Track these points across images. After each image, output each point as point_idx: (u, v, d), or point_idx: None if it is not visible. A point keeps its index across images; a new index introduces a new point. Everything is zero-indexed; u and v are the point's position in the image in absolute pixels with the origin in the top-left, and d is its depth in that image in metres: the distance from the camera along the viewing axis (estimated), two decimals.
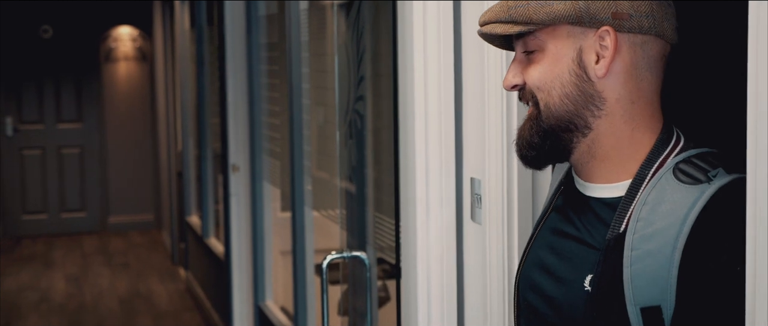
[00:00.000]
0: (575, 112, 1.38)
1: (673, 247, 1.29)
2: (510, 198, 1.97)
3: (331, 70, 3.73)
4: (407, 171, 2.32)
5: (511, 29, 1.39)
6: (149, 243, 9.60)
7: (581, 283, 1.37)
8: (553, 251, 1.46)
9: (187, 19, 7.41)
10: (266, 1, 4.84)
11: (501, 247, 1.99)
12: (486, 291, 2.05)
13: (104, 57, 10.17)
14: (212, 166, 6.54)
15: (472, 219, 2.16)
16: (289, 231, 4.26)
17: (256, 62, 4.90)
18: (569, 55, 1.38)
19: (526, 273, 1.51)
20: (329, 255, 2.70)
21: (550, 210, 1.51)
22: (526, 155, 1.43)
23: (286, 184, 4.39)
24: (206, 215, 6.65)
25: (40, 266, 8.66)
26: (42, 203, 10.10)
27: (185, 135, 7.60)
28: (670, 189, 1.32)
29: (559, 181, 1.53)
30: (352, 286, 3.31)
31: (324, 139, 3.88)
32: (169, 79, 8.71)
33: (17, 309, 7.18)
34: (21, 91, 9.94)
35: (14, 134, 9.94)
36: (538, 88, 1.40)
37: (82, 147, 10.16)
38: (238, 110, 5.23)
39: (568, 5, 1.36)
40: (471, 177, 2.16)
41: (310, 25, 3.96)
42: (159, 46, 9.16)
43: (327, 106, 3.79)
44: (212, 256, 6.33)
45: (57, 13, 9.89)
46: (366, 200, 3.14)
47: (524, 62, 1.42)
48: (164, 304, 7.26)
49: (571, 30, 1.38)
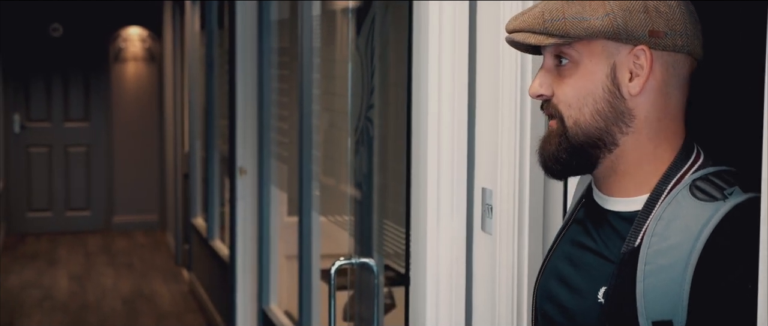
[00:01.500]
0: (605, 128, 1.39)
1: (686, 263, 1.30)
2: (521, 209, 1.98)
3: (339, 76, 3.75)
4: (419, 180, 2.33)
5: (545, 41, 1.38)
6: (153, 244, 9.62)
7: (595, 295, 1.38)
8: (571, 262, 1.47)
9: (198, 21, 7.43)
10: (278, 4, 4.85)
11: (511, 258, 2.00)
12: (495, 302, 2.06)
13: (113, 57, 10.20)
14: (219, 169, 6.56)
15: (483, 229, 2.16)
16: (295, 235, 4.27)
17: (266, 66, 4.91)
18: (603, 71, 1.38)
19: (544, 283, 1.52)
20: (338, 261, 2.71)
21: (571, 221, 1.52)
22: (551, 168, 1.43)
23: (293, 189, 4.41)
24: (212, 217, 6.66)
25: (44, 264, 8.67)
26: (47, 201, 10.12)
27: (192, 137, 7.62)
28: (685, 205, 1.33)
29: (581, 194, 1.54)
30: (358, 292, 3.32)
31: (330, 144, 3.90)
32: (178, 80, 8.73)
33: (20, 306, 7.19)
34: (29, 88, 9.97)
35: (21, 131, 9.97)
36: (569, 106, 1.40)
37: (89, 146, 10.18)
38: (246, 113, 5.24)
39: (606, 21, 1.36)
40: (482, 187, 2.17)
41: (322, 31, 3.98)
42: (168, 47, 9.18)
43: (334, 112, 3.80)
44: (217, 258, 6.35)
45: (67, 12, 9.92)
46: (375, 207, 3.15)
47: (554, 73, 1.42)
48: (167, 305, 7.27)
49: (606, 45, 1.38)
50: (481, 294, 2.18)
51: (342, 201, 3.70)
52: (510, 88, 1.99)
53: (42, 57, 9.94)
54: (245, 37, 5.20)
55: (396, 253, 3.00)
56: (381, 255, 3.12)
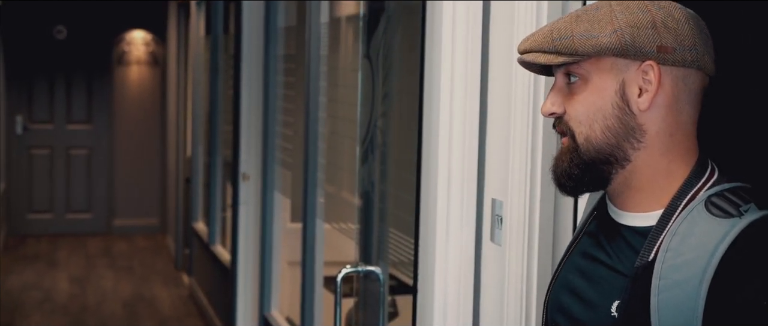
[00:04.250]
0: (616, 144, 1.39)
1: (701, 279, 1.30)
2: (531, 221, 1.98)
3: (344, 84, 3.75)
4: (428, 189, 2.33)
5: (554, 60, 1.40)
6: (153, 248, 9.61)
7: (608, 308, 1.39)
8: (582, 275, 1.47)
9: (203, 26, 7.44)
10: (285, 11, 4.86)
11: (520, 269, 2.00)
12: (503, 313, 2.06)
13: (117, 60, 10.20)
14: (222, 174, 6.56)
15: (492, 240, 2.17)
16: (298, 241, 4.27)
17: (272, 72, 4.92)
18: (612, 87, 1.39)
19: (555, 295, 1.52)
20: (344, 269, 2.72)
21: (583, 234, 1.53)
22: (564, 184, 1.44)
23: (297, 195, 4.41)
24: (213, 222, 6.66)
25: (44, 266, 8.67)
26: (48, 203, 10.12)
27: (195, 141, 7.62)
28: (700, 221, 1.33)
29: (593, 207, 1.54)
30: (362, 300, 3.32)
31: (335, 151, 3.90)
32: (181, 84, 8.73)
33: (20, 307, 7.19)
34: (32, 90, 9.97)
35: (24, 133, 9.97)
36: (579, 122, 1.40)
37: (91, 148, 10.18)
38: (251, 119, 5.25)
39: (614, 38, 1.37)
40: (492, 197, 2.17)
41: (330, 38, 3.99)
42: (172, 51, 9.19)
43: (340, 119, 3.80)
44: (218, 263, 6.34)
45: (72, 14, 9.93)
46: (380, 215, 3.16)
47: (564, 91, 1.43)
48: (167, 309, 7.27)
49: (615, 62, 1.38)
50: (490, 304, 2.18)
51: (347, 208, 3.70)
52: (522, 98, 1.99)
53: (46, 59, 9.95)
54: (251, 43, 5.21)
55: (401, 262, 3.00)
56: (386, 264, 3.13)
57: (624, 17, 1.37)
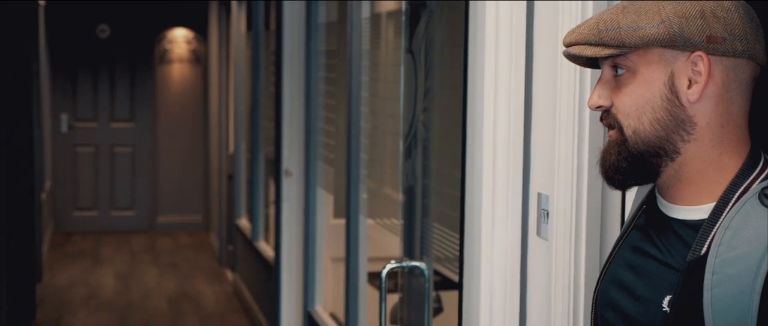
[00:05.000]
0: (665, 137, 1.38)
1: (756, 273, 1.28)
2: (578, 215, 1.96)
3: (385, 79, 3.75)
4: (473, 184, 2.32)
5: (601, 52, 1.38)
6: (196, 244, 9.68)
7: (659, 303, 1.37)
8: (632, 269, 1.45)
9: (244, 23, 7.47)
10: (326, 7, 4.86)
11: (567, 264, 1.98)
12: (550, 308, 2.04)
13: (159, 58, 10.28)
14: (264, 170, 6.58)
15: (538, 234, 2.15)
16: (341, 237, 4.28)
17: (313, 69, 4.93)
18: (660, 79, 1.37)
19: (605, 289, 1.50)
20: (389, 264, 2.71)
21: (632, 228, 1.51)
22: (612, 178, 1.42)
23: (340, 191, 4.41)
24: (256, 218, 6.69)
25: (90, 262, 8.76)
26: (93, 200, 10.23)
27: (237, 138, 7.65)
28: (754, 214, 1.31)
29: (642, 200, 1.52)
30: (406, 296, 3.32)
31: (377, 147, 3.89)
32: (223, 81, 8.78)
33: (67, 303, 7.27)
34: (76, 88, 10.09)
35: (69, 131, 10.08)
36: (627, 115, 1.39)
37: (134, 146, 10.27)
38: (293, 116, 5.26)
39: (662, 29, 1.35)
40: (538, 192, 2.15)
41: (371, 34, 3.98)
42: (214, 48, 9.24)
43: (382, 115, 3.80)
44: (261, 260, 6.37)
45: (115, 13, 10.02)
46: (425, 210, 3.15)
47: (612, 83, 1.41)
48: (211, 306, 7.31)
49: (663, 53, 1.36)
50: (536, 300, 2.17)
51: (389, 204, 3.70)
52: (568, 90, 1.97)
53: (89, 57, 10.06)
54: (293, 39, 5.22)
55: (445, 257, 2.99)
56: (430, 259, 3.12)
57: (672, 7, 1.35)
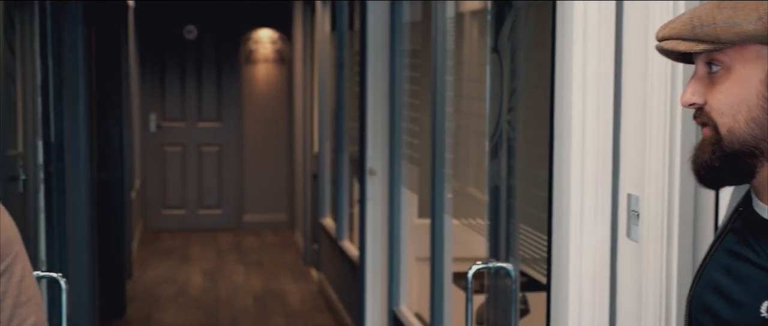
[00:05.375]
0: (761, 136, 1.34)
1: None
2: (671, 216, 1.92)
3: (470, 78, 3.72)
4: (561, 184, 2.29)
5: (695, 47, 1.35)
6: (282, 243, 9.77)
7: (757, 308, 1.33)
8: (728, 273, 1.41)
9: (328, 23, 7.51)
10: (410, 6, 4.86)
11: (659, 266, 1.94)
12: (641, 311, 2.01)
13: (244, 58, 10.41)
14: (348, 170, 6.61)
15: (628, 236, 2.11)
16: (425, 237, 4.27)
17: (398, 68, 4.92)
18: (757, 76, 1.33)
19: (699, 293, 1.46)
20: (475, 265, 2.69)
21: (727, 230, 1.47)
22: (704, 177, 1.39)
23: (424, 191, 4.40)
24: (341, 218, 6.72)
25: (178, 260, 8.91)
26: (181, 199, 10.40)
27: (322, 138, 7.70)
28: None
29: (737, 203, 1.48)
30: (492, 297, 3.29)
31: (462, 147, 3.87)
32: (308, 81, 8.84)
33: (156, 300, 7.41)
34: (164, 89, 10.27)
35: (157, 130, 10.28)
36: (722, 113, 1.35)
37: (221, 146, 10.42)
38: (377, 115, 5.27)
39: (760, 25, 1.31)
40: (628, 192, 2.11)
41: (456, 33, 3.96)
42: (298, 48, 9.31)
43: (467, 114, 3.78)
44: (346, 259, 6.40)
45: (201, 14, 10.18)
46: (511, 210, 3.12)
47: (706, 80, 1.38)
48: (297, 304, 7.37)
49: (760, 50, 1.32)
50: (626, 303, 2.13)
51: (474, 204, 3.67)
52: (660, 88, 1.93)
53: (177, 58, 10.24)
54: (377, 38, 5.23)
55: (532, 258, 2.96)
56: (516, 260, 3.09)
57: None
